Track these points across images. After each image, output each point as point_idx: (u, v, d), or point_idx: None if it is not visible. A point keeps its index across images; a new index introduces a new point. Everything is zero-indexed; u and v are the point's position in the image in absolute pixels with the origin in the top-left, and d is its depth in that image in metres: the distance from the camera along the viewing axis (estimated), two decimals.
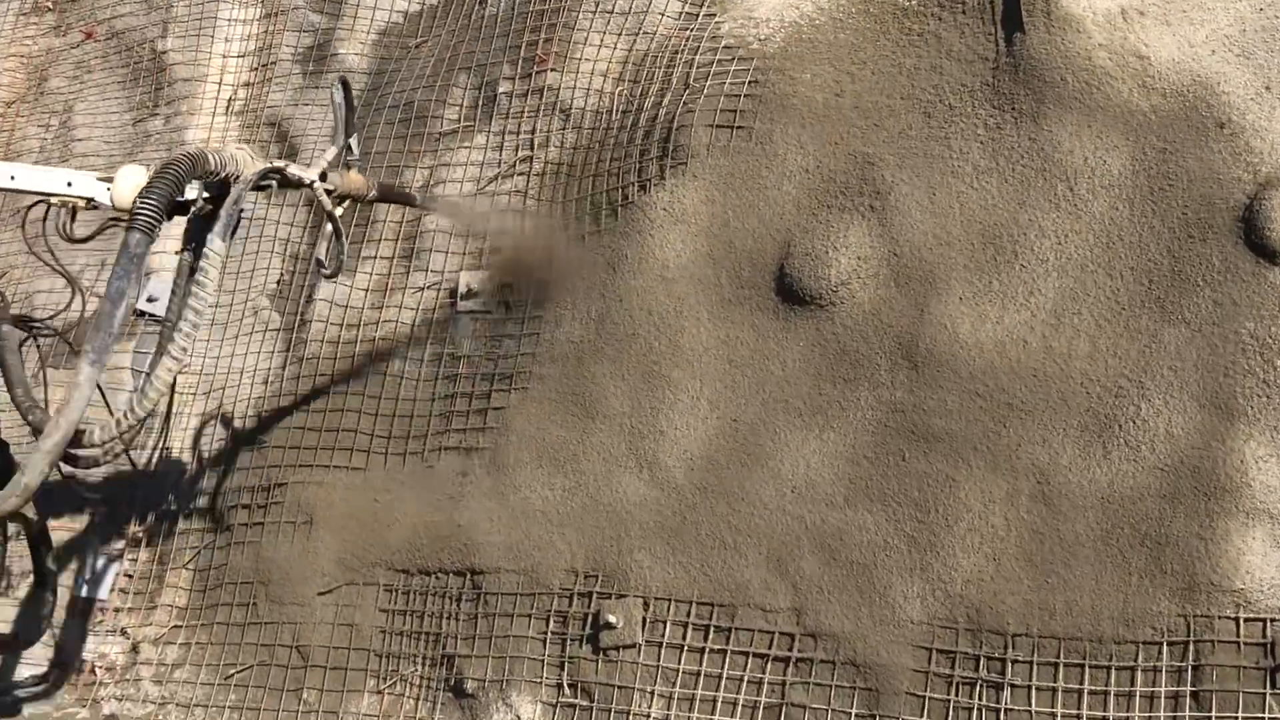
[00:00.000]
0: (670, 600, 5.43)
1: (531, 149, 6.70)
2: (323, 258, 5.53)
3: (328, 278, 5.34)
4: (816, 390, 5.47)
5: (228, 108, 8.10)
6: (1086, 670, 4.69)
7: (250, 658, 6.31)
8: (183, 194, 4.60)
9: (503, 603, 5.78)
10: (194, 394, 7.15)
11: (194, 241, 4.86)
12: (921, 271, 5.40)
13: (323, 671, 6.10)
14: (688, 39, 6.42)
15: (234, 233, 4.78)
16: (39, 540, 5.89)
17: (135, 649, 6.66)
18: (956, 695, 4.87)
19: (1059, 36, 5.36)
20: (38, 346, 5.42)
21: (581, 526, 5.73)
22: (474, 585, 5.89)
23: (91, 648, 6.79)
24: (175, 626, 6.61)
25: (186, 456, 7.04)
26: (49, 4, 9.16)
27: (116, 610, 6.77)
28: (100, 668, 6.69)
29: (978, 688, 4.84)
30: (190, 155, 4.59)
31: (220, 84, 8.19)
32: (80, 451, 4.67)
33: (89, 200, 4.97)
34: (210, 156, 4.68)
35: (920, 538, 5.09)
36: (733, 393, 5.63)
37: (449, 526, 6.02)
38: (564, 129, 6.64)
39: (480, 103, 7.00)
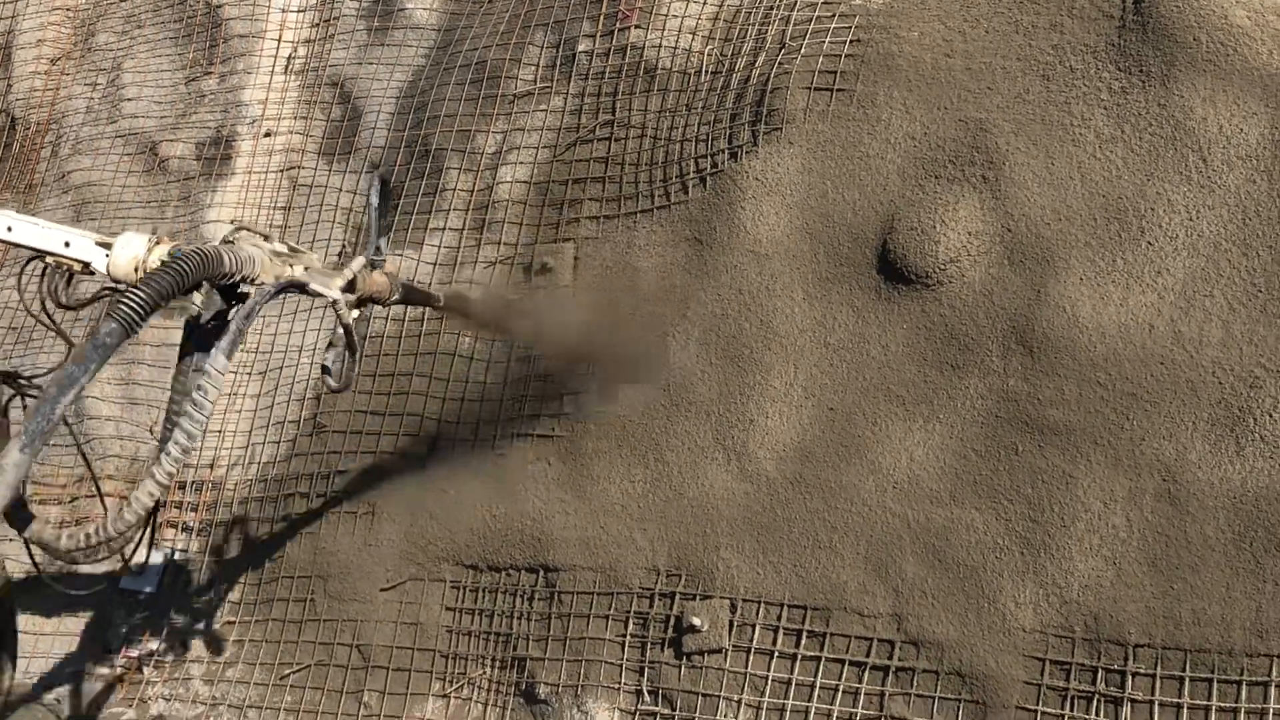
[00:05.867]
0: (759, 602, 5.46)
1: (613, 112, 6.73)
2: (329, 365, 5.48)
3: (334, 391, 5.27)
4: (921, 377, 5.46)
5: (287, 66, 8.18)
6: (1215, 685, 4.65)
7: (307, 657, 6.40)
8: (183, 294, 4.43)
9: (578, 602, 5.84)
10: (249, 372, 7.25)
11: (194, 350, 4.72)
12: (1038, 248, 5.37)
13: (385, 673, 6.19)
14: None
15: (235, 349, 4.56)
16: None
17: (185, 645, 6.75)
18: (1071, 710, 4.85)
19: None
20: (25, 409, 5.17)
21: (664, 521, 5.76)
22: (547, 583, 5.95)
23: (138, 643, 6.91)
24: (228, 622, 6.72)
25: (240, 439, 7.14)
26: None
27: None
28: (147, 665, 6.80)
29: (1095, 702, 4.82)
30: (203, 253, 4.47)
31: (279, 41, 8.27)
32: (49, 553, 4.55)
33: (85, 265, 4.88)
34: (226, 256, 4.55)
35: (1034, 539, 5.07)
36: (829, 379, 5.63)
37: (521, 520, 6.08)
38: (648, 91, 6.65)
39: (558, 62, 7.03)
